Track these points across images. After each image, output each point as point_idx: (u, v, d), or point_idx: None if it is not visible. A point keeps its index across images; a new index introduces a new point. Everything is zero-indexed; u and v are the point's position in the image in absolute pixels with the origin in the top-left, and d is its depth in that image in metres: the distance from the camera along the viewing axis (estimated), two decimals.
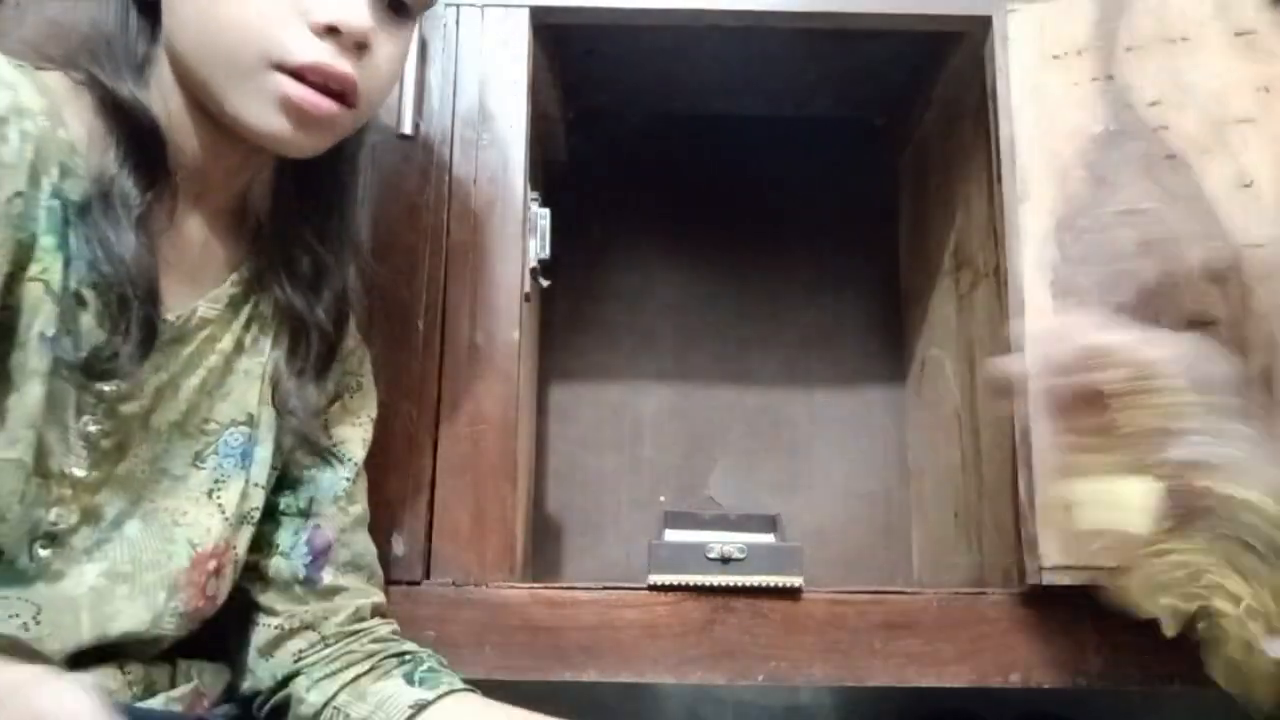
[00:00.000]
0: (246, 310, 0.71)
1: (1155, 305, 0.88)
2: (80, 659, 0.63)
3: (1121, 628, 0.88)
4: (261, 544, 0.74)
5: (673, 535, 1.06)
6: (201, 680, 0.71)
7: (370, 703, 0.72)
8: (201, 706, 0.70)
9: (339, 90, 0.62)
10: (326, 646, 0.74)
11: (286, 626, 0.73)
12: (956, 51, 1.09)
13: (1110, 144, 0.91)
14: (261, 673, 0.74)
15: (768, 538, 1.03)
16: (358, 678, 0.73)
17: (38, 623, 0.60)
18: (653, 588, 0.90)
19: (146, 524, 0.66)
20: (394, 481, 0.90)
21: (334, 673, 0.73)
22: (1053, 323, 0.84)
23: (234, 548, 0.70)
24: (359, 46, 0.62)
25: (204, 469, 0.69)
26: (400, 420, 0.91)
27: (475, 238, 0.95)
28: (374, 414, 0.82)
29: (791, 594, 0.90)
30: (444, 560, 0.89)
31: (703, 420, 1.38)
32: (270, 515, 0.74)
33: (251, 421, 0.71)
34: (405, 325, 0.93)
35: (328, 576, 0.75)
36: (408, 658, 0.76)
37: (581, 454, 1.36)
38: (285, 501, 0.75)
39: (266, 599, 0.74)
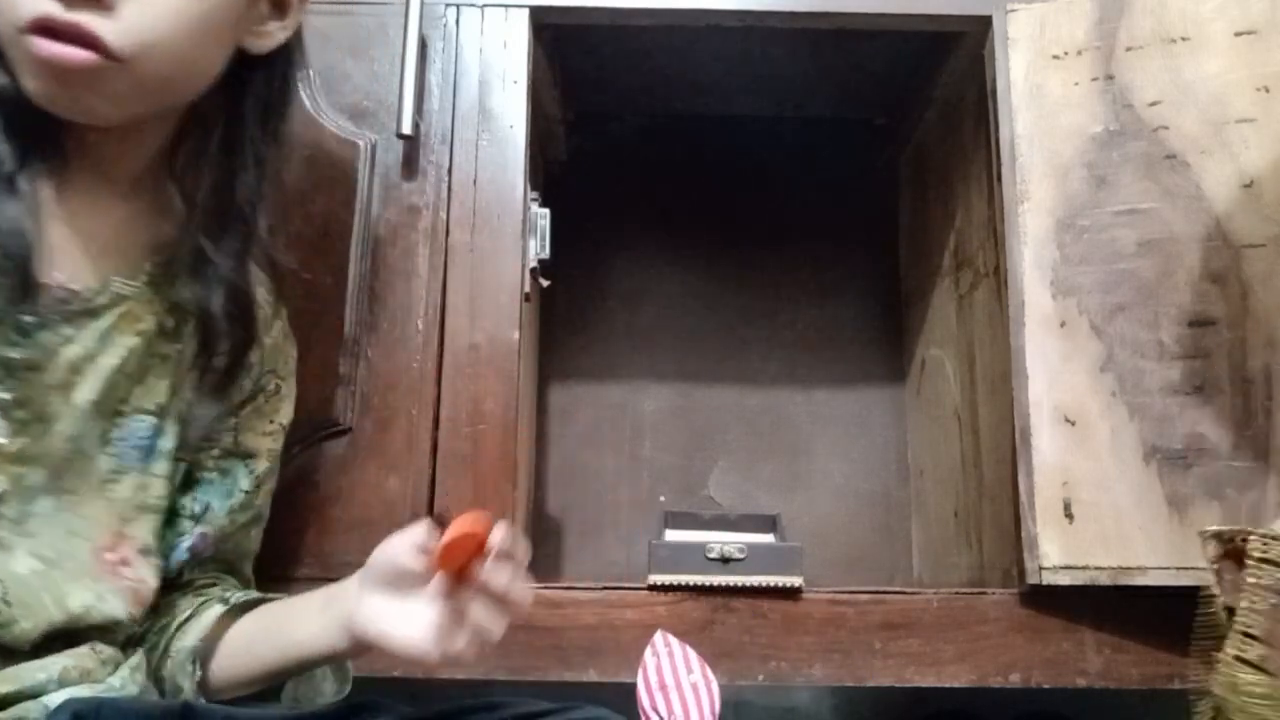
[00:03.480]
0: (170, 293, 0.70)
1: (1155, 305, 0.88)
2: (54, 642, 0.64)
3: (1121, 628, 0.88)
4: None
5: (673, 535, 1.06)
6: None
7: (190, 634, 0.71)
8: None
9: (87, 42, 0.59)
10: (161, 619, 0.74)
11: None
12: (956, 51, 1.09)
13: (1110, 144, 0.91)
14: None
15: (768, 538, 1.03)
16: (182, 624, 0.72)
17: (8, 604, 0.61)
18: (653, 588, 0.90)
19: (55, 504, 0.65)
20: (394, 481, 0.90)
21: (164, 626, 0.73)
22: None
23: (133, 537, 0.69)
24: None
25: (108, 454, 0.68)
26: (400, 420, 0.91)
27: (475, 238, 0.95)
28: (288, 420, 0.80)
29: (791, 594, 0.90)
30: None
31: (703, 420, 1.38)
32: (169, 510, 0.73)
33: (160, 412, 0.70)
34: (405, 325, 0.93)
35: (186, 573, 0.75)
36: (229, 595, 0.75)
37: (581, 454, 1.36)
38: (182, 501, 0.74)
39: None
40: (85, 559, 0.66)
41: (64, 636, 0.65)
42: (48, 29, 0.59)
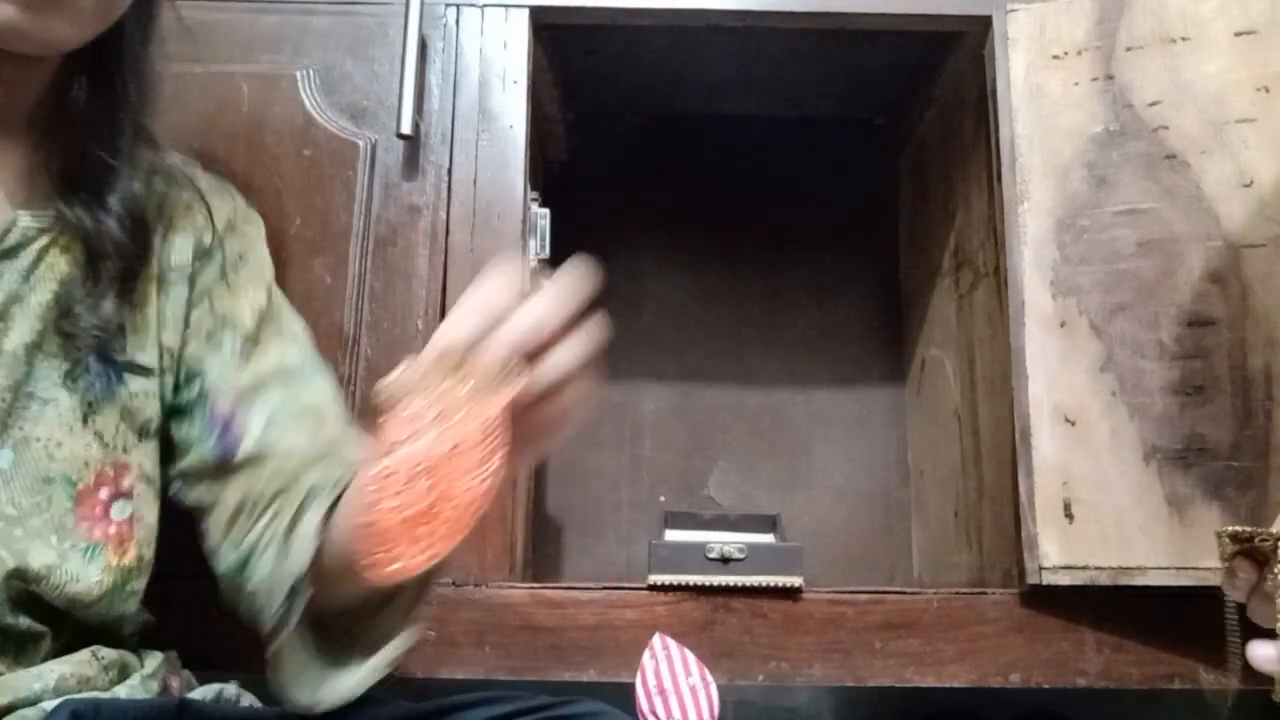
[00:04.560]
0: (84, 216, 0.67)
1: (1155, 305, 0.88)
2: (54, 648, 0.63)
3: (1121, 628, 0.88)
4: (181, 450, 0.70)
5: (673, 535, 1.06)
6: (169, 664, 0.70)
7: (294, 550, 0.65)
8: (172, 688, 0.69)
9: None
10: (258, 518, 0.68)
11: (223, 517, 0.68)
12: (956, 51, 1.09)
13: (1110, 144, 0.91)
14: (234, 580, 0.68)
15: (768, 538, 1.03)
16: (288, 533, 0.66)
17: None
18: (653, 588, 0.90)
19: (19, 455, 0.63)
20: None
21: (263, 541, 0.67)
22: None
23: (135, 466, 0.67)
24: None
25: (75, 391, 0.65)
26: None
27: (475, 238, 0.95)
28: (268, 277, 0.77)
29: (791, 594, 0.90)
30: (444, 560, 0.89)
31: (703, 420, 1.38)
32: (181, 416, 0.70)
33: (121, 331, 0.67)
34: (405, 325, 0.93)
35: (247, 445, 0.69)
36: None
37: (581, 454, 1.36)
38: (184, 396, 0.70)
39: (203, 496, 0.69)
40: (62, 506, 0.63)
41: (69, 638, 0.64)
42: None
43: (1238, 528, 0.72)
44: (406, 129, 0.93)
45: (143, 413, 0.68)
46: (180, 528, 0.71)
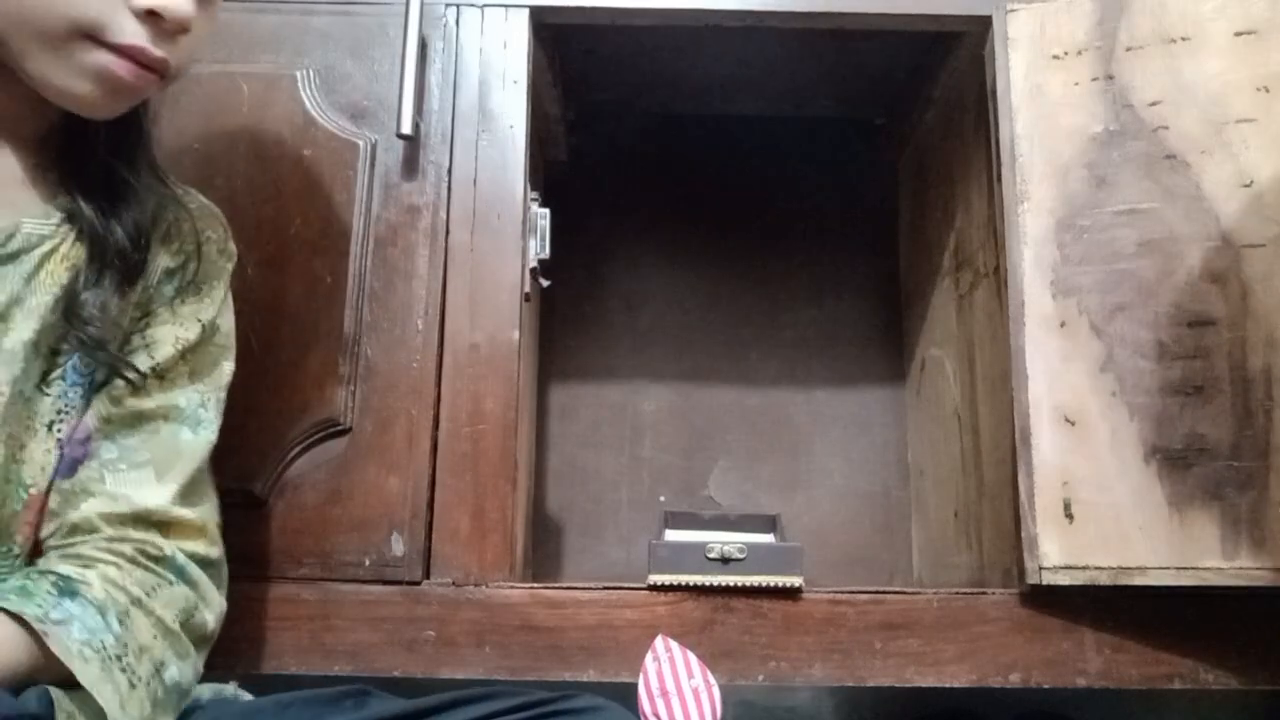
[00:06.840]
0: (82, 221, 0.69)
1: (1155, 305, 0.88)
2: None
3: (1121, 628, 0.88)
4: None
5: (673, 535, 1.06)
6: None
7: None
8: None
9: (160, 68, 0.65)
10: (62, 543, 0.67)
11: (53, 527, 0.67)
12: (956, 51, 1.09)
13: (1110, 144, 0.91)
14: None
15: (768, 538, 1.03)
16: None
17: None
18: (653, 588, 0.90)
19: (7, 449, 0.64)
20: (394, 481, 0.90)
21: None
22: None
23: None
24: (181, 31, 0.64)
25: (49, 395, 0.66)
26: (400, 420, 0.91)
27: (475, 238, 0.95)
28: (211, 314, 0.75)
29: (791, 594, 0.90)
30: (444, 560, 0.89)
31: (703, 420, 1.38)
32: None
33: (119, 329, 0.69)
34: (405, 325, 0.93)
35: (81, 472, 0.68)
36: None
37: (581, 454, 1.36)
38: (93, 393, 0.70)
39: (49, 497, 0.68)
40: (11, 510, 0.64)
41: None
42: (129, 54, 0.63)
43: None
44: (406, 129, 0.93)
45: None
46: None
